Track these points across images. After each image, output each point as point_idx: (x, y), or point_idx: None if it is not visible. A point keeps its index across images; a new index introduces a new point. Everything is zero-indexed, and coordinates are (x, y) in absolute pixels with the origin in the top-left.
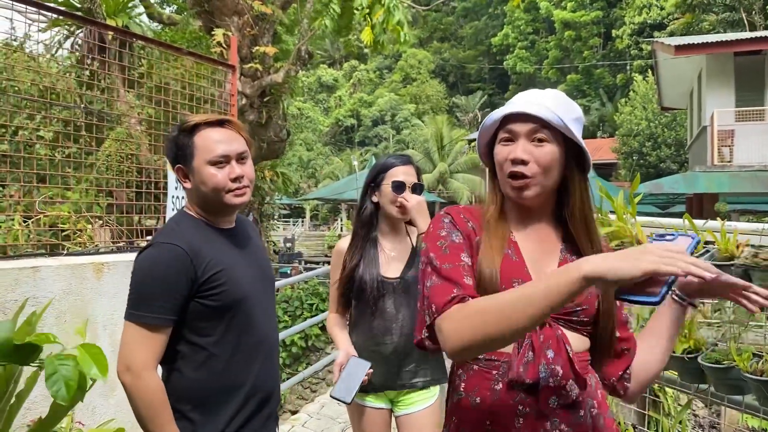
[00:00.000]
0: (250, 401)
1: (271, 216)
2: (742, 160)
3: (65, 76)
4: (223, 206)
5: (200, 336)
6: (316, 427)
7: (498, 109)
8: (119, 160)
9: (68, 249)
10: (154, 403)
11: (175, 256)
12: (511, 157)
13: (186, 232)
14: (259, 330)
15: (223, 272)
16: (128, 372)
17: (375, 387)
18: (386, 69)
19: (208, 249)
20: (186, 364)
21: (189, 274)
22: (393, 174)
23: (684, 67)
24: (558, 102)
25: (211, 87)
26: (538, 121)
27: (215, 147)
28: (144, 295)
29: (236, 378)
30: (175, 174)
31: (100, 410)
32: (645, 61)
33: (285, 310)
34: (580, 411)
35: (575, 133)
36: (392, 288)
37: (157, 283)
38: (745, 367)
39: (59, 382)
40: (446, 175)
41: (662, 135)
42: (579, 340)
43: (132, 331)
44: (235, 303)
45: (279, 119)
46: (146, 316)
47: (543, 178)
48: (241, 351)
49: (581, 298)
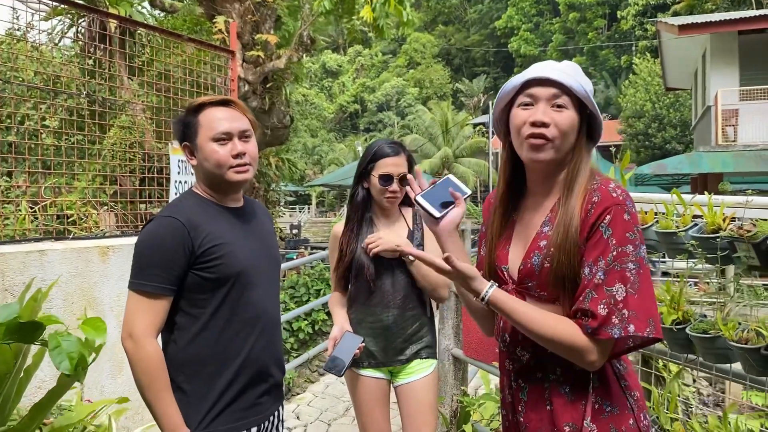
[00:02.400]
0: (242, 373)
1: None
2: (746, 139)
3: (69, 65)
4: (226, 183)
5: (196, 308)
6: (321, 406)
7: (519, 74)
8: (124, 148)
9: (74, 233)
10: (151, 370)
11: (173, 228)
12: (532, 119)
13: (188, 207)
14: (257, 305)
15: (220, 246)
16: (129, 339)
17: (373, 361)
18: (390, 53)
19: (208, 223)
20: (181, 336)
21: (186, 245)
22: (381, 165)
23: (688, 47)
24: (577, 71)
25: (213, 73)
26: (560, 87)
27: (218, 124)
28: (144, 265)
29: (228, 350)
30: (183, 151)
31: (108, 389)
32: (650, 41)
33: (292, 296)
34: (537, 373)
35: (592, 101)
36: (390, 266)
37: (155, 253)
38: (730, 336)
39: (62, 354)
40: (451, 160)
41: (667, 116)
42: (546, 309)
43: (134, 300)
44: (232, 277)
45: (282, 105)
46: (146, 284)
47: (561, 142)
48: (235, 324)
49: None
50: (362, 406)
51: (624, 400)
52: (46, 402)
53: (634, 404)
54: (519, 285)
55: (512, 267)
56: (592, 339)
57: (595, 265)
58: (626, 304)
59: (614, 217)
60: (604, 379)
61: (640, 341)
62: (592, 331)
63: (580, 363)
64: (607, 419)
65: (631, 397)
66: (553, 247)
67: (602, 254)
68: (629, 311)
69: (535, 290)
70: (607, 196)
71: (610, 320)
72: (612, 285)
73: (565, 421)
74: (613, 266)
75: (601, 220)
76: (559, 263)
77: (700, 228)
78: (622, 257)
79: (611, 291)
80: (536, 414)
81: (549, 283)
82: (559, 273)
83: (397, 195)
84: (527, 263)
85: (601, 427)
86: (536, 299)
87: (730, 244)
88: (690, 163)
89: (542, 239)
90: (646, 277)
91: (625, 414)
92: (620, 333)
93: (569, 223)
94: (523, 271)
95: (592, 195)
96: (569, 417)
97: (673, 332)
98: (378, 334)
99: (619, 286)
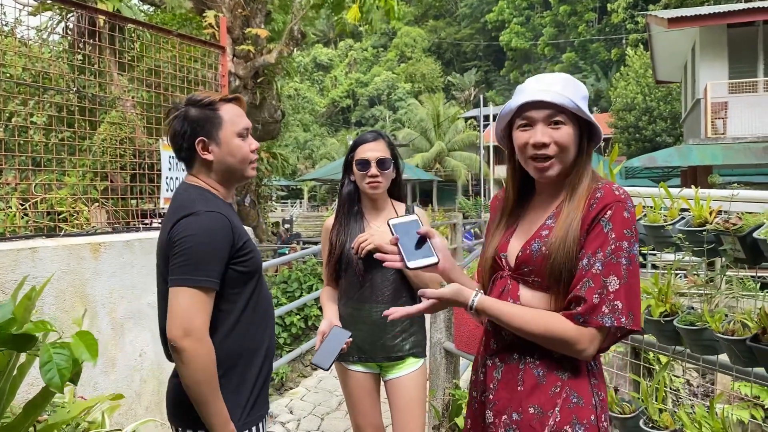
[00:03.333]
0: (266, 362)
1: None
2: (735, 132)
3: (58, 60)
4: (242, 178)
5: (229, 303)
6: (313, 400)
7: (512, 99)
8: (114, 144)
9: (65, 230)
10: (211, 366)
11: (221, 222)
12: (533, 141)
13: (214, 201)
14: (268, 297)
15: (249, 240)
16: (188, 337)
17: (363, 356)
18: (381, 47)
19: (233, 218)
20: (218, 332)
21: (230, 240)
22: (359, 152)
23: (678, 40)
24: (566, 84)
25: (203, 69)
26: (554, 107)
27: (240, 120)
28: (198, 260)
29: (256, 341)
30: (197, 147)
31: (101, 386)
32: (640, 34)
33: (284, 291)
34: (514, 354)
35: (586, 112)
36: (379, 261)
37: (210, 248)
38: (717, 327)
39: (53, 370)
40: (443, 154)
41: (658, 109)
42: (537, 298)
43: (188, 296)
44: (258, 269)
45: (273, 100)
46: (203, 279)
47: (563, 157)
48: (260, 316)
49: (526, 258)
50: (353, 399)
51: (591, 396)
52: (40, 400)
53: (598, 403)
54: (515, 271)
55: (510, 254)
56: (582, 328)
57: (593, 257)
58: (617, 296)
59: (615, 213)
60: (576, 372)
61: (622, 333)
62: (583, 320)
63: (572, 353)
64: (572, 410)
65: (597, 396)
66: (554, 236)
67: (601, 247)
68: (620, 303)
69: (530, 276)
70: (610, 193)
71: (600, 309)
72: (607, 276)
73: (531, 403)
74: (610, 259)
75: (603, 214)
76: (558, 252)
77: (687, 221)
78: (618, 251)
79: (605, 282)
80: (507, 392)
81: (545, 271)
82: (557, 262)
83: (378, 180)
84: (526, 249)
85: (564, 416)
86: (530, 286)
87: (716, 237)
88: (680, 156)
89: (545, 230)
90: (635, 274)
91: (588, 409)
92: (612, 322)
93: (572, 216)
94: (521, 257)
95: (595, 191)
96: (536, 400)
97: (662, 324)
98: (367, 329)
99: (613, 278)
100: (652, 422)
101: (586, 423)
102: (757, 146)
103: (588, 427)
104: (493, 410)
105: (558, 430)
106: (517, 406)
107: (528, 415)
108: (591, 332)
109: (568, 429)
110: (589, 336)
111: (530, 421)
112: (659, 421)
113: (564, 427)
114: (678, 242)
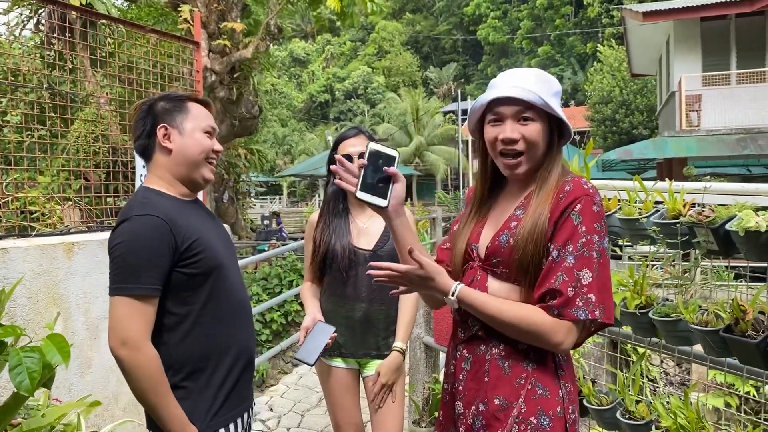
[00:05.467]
0: (237, 364)
1: (248, 194)
2: (709, 124)
3: (30, 57)
4: (197, 176)
5: (184, 305)
6: (294, 397)
7: (484, 94)
8: (89, 142)
9: (38, 230)
10: (154, 374)
11: (155, 225)
12: (502, 137)
13: (158, 203)
14: (237, 295)
15: (199, 240)
16: (124, 346)
17: (344, 351)
18: (359, 41)
19: (182, 218)
20: (172, 336)
21: (170, 242)
22: (341, 149)
23: (652, 34)
24: (538, 80)
25: (178, 64)
26: (522, 104)
27: (207, 118)
28: (130, 268)
29: (222, 343)
30: (158, 132)
31: (76, 387)
32: (616, 28)
33: (264, 287)
34: (481, 345)
35: (555, 109)
36: (364, 259)
37: (141, 254)
38: (691, 319)
39: (23, 373)
40: (422, 148)
41: (634, 102)
42: (505, 289)
43: (122, 305)
44: (214, 269)
45: (250, 95)
46: (135, 287)
47: (532, 153)
48: (224, 316)
49: (495, 249)
50: (333, 396)
51: (557, 388)
52: (12, 403)
53: (565, 395)
54: (484, 262)
55: (481, 245)
56: (558, 320)
57: (564, 249)
58: (590, 289)
59: (584, 207)
60: (542, 363)
61: (596, 326)
62: (558, 313)
63: (548, 346)
64: (537, 401)
65: (564, 388)
66: (522, 228)
67: (571, 239)
68: (594, 296)
69: (498, 267)
70: (579, 187)
71: (574, 302)
72: (580, 270)
73: (496, 394)
74: (582, 252)
75: (572, 207)
76: (526, 244)
77: (662, 214)
78: (590, 245)
79: (579, 275)
80: (474, 383)
81: (512, 262)
82: (525, 254)
83: None
84: (495, 241)
85: (529, 407)
86: (498, 277)
87: (690, 230)
88: (655, 149)
89: (513, 221)
90: (606, 267)
91: (554, 401)
92: (586, 315)
93: (541, 209)
94: (491, 248)
95: (564, 185)
96: (501, 391)
97: (637, 316)
98: (348, 326)
99: (586, 271)
100: (629, 413)
101: (552, 414)
102: (731, 138)
103: (554, 419)
104: (463, 401)
105: (523, 420)
106: (483, 397)
107: (493, 405)
108: (567, 325)
109: (534, 420)
110: (565, 329)
111: (495, 411)
112: (636, 412)
113: (529, 418)
114: (653, 235)
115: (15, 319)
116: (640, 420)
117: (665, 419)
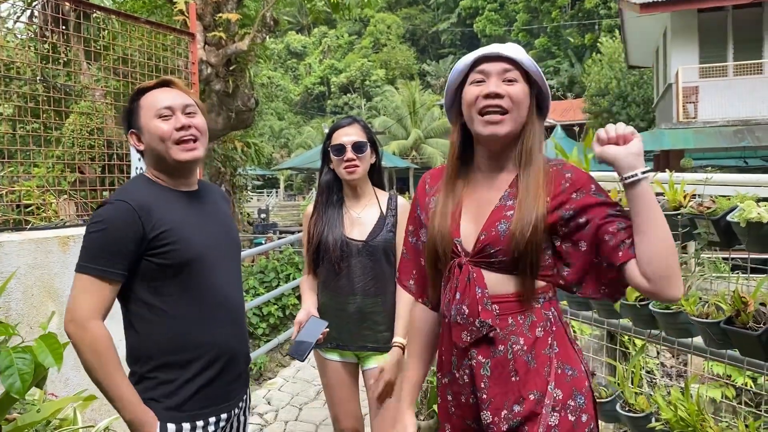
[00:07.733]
0: (214, 364)
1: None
2: (706, 116)
3: (24, 49)
4: (174, 162)
5: (156, 296)
6: (291, 391)
7: (470, 53)
8: (84, 135)
9: (32, 224)
10: (99, 350)
11: (122, 211)
12: (486, 92)
13: (138, 190)
14: (219, 291)
15: (171, 231)
16: (72, 322)
17: (340, 344)
18: (356, 34)
19: (159, 208)
20: (144, 326)
21: (136, 229)
22: (335, 138)
23: (649, 25)
24: (519, 51)
25: (173, 56)
26: (510, 62)
27: (159, 102)
28: (90, 248)
29: (199, 339)
30: (130, 139)
31: (73, 381)
32: (614, 20)
33: (261, 281)
34: (498, 346)
35: (539, 72)
36: (356, 250)
37: (102, 236)
38: (691, 311)
39: (14, 375)
40: (420, 141)
41: (631, 93)
42: (502, 281)
43: (78, 283)
44: (188, 263)
45: (246, 88)
46: (91, 267)
47: (516, 114)
48: (201, 312)
49: (492, 239)
50: (331, 389)
51: (579, 363)
52: (7, 399)
53: (585, 368)
54: (476, 255)
55: (465, 240)
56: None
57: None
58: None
59: (594, 183)
60: (563, 343)
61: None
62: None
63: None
64: (570, 383)
65: (583, 361)
66: (522, 214)
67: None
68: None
69: (495, 256)
70: (579, 171)
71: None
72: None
73: (530, 390)
74: (619, 210)
75: (586, 186)
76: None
77: (662, 205)
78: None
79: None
80: (501, 388)
81: (511, 250)
82: (530, 241)
83: (355, 164)
84: (491, 231)
85: (565, 391)
86: (494, 269)
87: (690, 221)
88: (652, 140)
89: (508, 210)
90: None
91: (582, 377)
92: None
93: (537, 192)
94: (485, 239)
95: (562, 171)
96: (534, 385)
97: (637, 308)
98: (343, 318)
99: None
100: (629, 406)
101: (584, 391)
102: (728, 130)
103: (586, 395)
104: (490, 409)
105: (563, 407)
106: (516, 399)
107: (530, 402)
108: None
109: (571, 402)
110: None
111: (533, 407)
112: (635, 405)
113: (567, 402)
114: None
115: (9, 313)
116: (640, 412)
117: (665, 411)
